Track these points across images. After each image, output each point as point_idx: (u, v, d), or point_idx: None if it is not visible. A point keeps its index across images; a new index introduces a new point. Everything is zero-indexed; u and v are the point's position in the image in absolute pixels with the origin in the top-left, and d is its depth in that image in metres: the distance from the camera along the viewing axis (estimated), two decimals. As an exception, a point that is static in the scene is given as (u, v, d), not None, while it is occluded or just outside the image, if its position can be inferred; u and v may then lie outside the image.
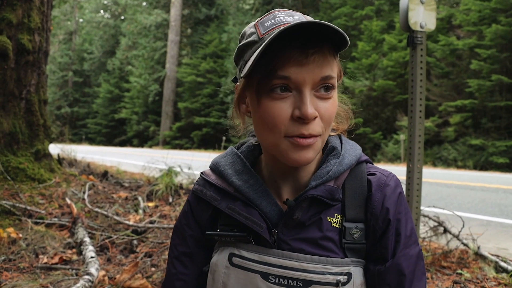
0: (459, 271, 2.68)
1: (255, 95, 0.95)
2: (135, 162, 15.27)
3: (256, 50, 0.91)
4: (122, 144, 38.91)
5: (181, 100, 36.40)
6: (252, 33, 0.97)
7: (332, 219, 1.00)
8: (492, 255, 3.00)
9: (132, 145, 38.89)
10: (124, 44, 41.40)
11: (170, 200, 4.46)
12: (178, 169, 5.79)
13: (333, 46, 0.93)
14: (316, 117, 0.92)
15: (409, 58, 2.66)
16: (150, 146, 37.18)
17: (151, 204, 4.28)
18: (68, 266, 2.74)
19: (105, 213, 3.62)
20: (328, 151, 1.06)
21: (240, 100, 1.05)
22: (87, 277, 2.34)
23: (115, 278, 2.33)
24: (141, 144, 38.61)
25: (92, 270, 2.45)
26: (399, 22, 2.56)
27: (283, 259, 0.98)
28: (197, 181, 1.14)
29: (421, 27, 2.53)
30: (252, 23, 0.99)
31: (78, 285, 2.22)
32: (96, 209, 3.71)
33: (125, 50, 41.36)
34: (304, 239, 0.99)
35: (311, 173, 1.05)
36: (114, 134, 41.70)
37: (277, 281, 0.98)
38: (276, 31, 0.87)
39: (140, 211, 3.99)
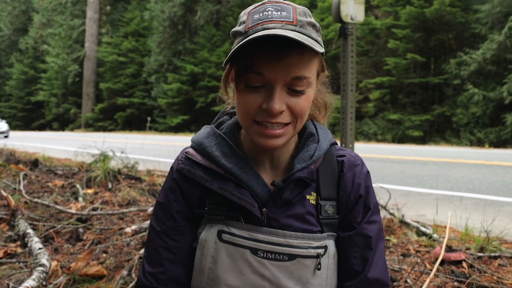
0: (387, 237, 3.00)
1: (235, 81, 1.06)
2: (60, 147, 14.66)
3: (239, 43, 0.99)
4: (41, 128, 36.89)
5: (102, 81, 35.07)
6: (243, 22, 1.04)
7: (310, 197, 1.13)
8: (414, 221, 3.37)
9: (52, 129, 36.97)
10: (38, 21, 38.84)
11: (110, 186, 4.46)
12: (110, 154, 5.71)
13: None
14: (282, 111, 1.01)
15: (340, 48, 2.88)
16: (72, 129, 35.61)
17: (90, 191, 4.25)
18: (14, 260, 2.70)
19: (45, 203, 3.56)
20: (306, 135, 1.18)
21: (226, 81, 1.13)
22: (40, 268, 2.34)
23: (70, 267, 2.37)
24: (62, 128, 36.83)
25: (44, 261, 2.46)
26: (320, 1, 2.73)
27: (270, 236, 1.08)
28: (181, 160, 1.18)
29: (352, 19, 2.76)
30: (247, 10, 1.06)
31: (33, 277, 2.23)
32: (36, 200, 3.64)
33: (39, 27, 38.82)
34: (292, 216, 1.10)
35: (289, 154, 1.16)
36: (31, 118, 39.36)
37: (265, 256, 1.08)
38: (259, 28, 0.98)
39: (80, 199, 3.97)
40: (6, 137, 25.33)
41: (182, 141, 16.98)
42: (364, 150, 12.05)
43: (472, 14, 19.13)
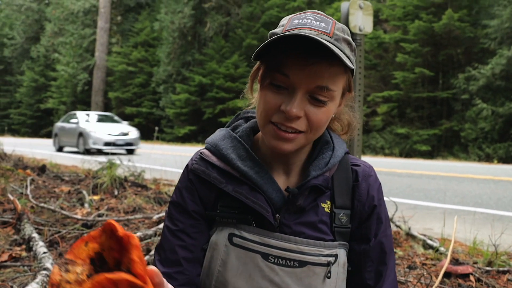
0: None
1: (261, 79, 1.06)
2: (68, 154, 14.75)
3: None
4: (50, 135, 37.05)
5: (111, 90, 35.29)
6: (281, 25, 1.05)
7: (324, 205, 1.12)
8: (421, 234, 3.34)
9: (60, 136, 37.10)
10: (50, 30, 39.31)
11: (116, 193, 4.46)
12: (117, 161, 5.73)
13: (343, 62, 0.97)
14: (299, 117, 1.00)
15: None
16: (80, 137, 35.72)
17: (96, 198, 4.26)
18: (19, 263, 2.71)
19: (51, 208, 3.57)
20: (322, 143, 1.17)
21: (253, 77, 1.15)
22: (44, 272, 2.35)
23: (73, 272, 2.37)
24: (70, 135, 36.94)
25: (48, 265, 2.47)
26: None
27: (282, 242, 1.07)
28: (195, 160, 1.16)
29: (360, 30, 2.77)
30: (289, 16, 1.07)
31: (37, 280, 2.23)
32: (42, 204, 3.65)
33: (51, 36, 39.27)
34: (304, 223, 1.10)
35: (302, 161, 1.16)
36: (40, 125, 39.67)
37: (276, 261, 1.07)
38: (296, 31, 0.97)
39: (86, 205, 3.98)
40: (131, 152, 15.81)
41: (189, 151, 17.01)
42: (371, 163, 11.99)
43: (481, 29, 19.11)
